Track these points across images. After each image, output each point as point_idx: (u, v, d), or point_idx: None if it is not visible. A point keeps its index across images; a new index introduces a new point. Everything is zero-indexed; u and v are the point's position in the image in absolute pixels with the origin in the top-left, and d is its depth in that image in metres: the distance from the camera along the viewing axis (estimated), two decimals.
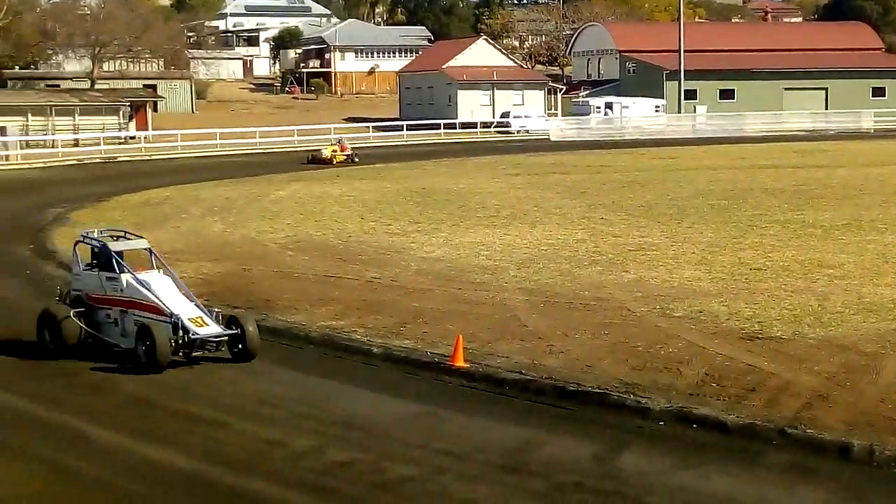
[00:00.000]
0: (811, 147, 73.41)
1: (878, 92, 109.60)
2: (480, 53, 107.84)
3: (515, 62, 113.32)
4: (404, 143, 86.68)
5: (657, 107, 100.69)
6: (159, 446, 14.25)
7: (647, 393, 15.55)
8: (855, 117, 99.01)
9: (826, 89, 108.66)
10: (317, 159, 65.91)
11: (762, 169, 54.93)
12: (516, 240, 30.96)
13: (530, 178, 52.43)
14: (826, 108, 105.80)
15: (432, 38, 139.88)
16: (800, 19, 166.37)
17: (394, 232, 33.26)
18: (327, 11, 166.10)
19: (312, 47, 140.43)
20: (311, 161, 65.57)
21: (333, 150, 66.90)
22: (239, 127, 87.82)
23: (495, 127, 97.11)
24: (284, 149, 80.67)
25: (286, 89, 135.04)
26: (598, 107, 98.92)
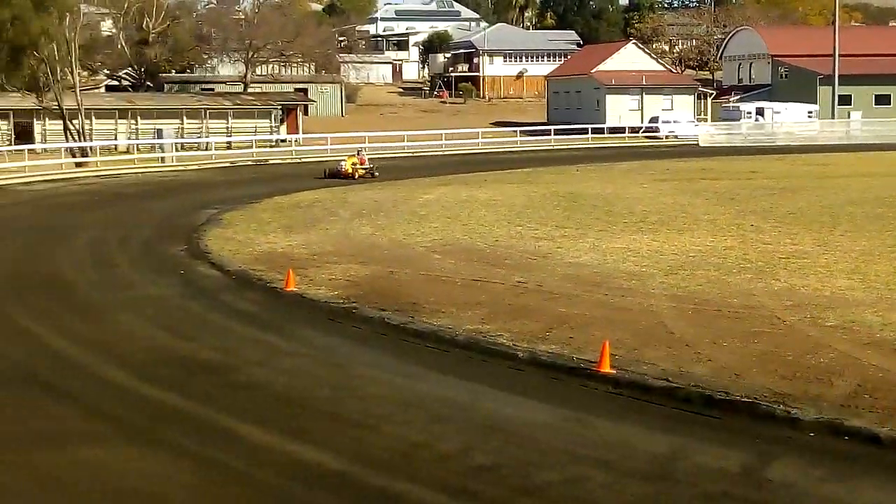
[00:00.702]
0: None
1: None
2: (629, 58, 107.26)
3: (665, 67, 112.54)
4: (551, 147, 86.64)
5: (810, 112, 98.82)
6: (307, 445, 14.44)
7: (797, 403, 15.26)
8: None
9: None
10: (335, 173, 58.85)
11: None
12: (664, 246, 30.67)
13: (678, 184, 51.94)
14: None
15: (581, 43, 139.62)
16: None
17: (540, 236, 33.22)
18: (476, 16, 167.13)
19: (461, 51, 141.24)
20: (329, 175, 58.54)
21: (354, 164, 59.84)
22: (387, 130, 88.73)
23: (643, 132, 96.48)
24: (432, 153, 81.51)
25: (434, 93, 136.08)
26: (749, 112, 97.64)
